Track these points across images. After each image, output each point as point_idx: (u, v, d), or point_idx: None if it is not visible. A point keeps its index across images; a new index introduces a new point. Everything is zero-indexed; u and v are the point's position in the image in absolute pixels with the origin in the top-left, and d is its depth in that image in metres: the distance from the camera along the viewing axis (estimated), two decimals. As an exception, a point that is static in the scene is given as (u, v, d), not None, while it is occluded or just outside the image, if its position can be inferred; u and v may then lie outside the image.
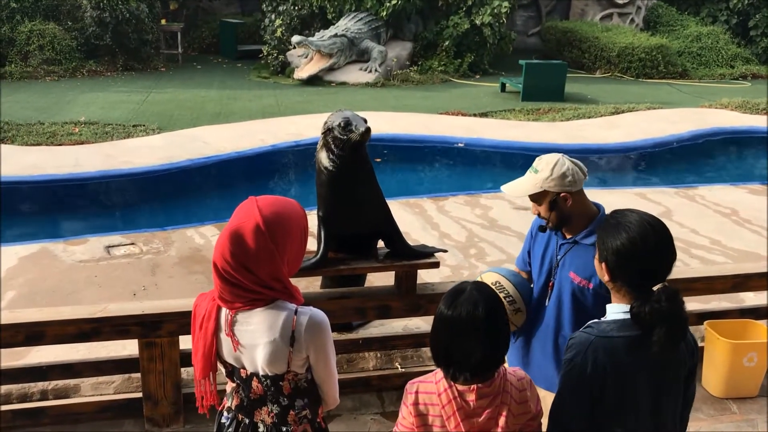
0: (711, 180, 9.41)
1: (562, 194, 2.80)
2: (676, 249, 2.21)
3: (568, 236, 2.90)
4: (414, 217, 7.05)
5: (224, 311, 2.20)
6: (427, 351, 4.49)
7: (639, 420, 2.13)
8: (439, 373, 2.17)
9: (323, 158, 3.64)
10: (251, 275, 2.11)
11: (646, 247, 2.10)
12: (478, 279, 2.84)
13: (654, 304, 2.03)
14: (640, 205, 7.79)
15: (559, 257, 2.91)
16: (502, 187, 2.95)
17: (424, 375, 2.24)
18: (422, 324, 4.75)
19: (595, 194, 8.29)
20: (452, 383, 2.12)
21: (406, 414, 2.18)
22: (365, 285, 4.55)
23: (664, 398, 2.15)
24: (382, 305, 3.99)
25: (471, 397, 2.10)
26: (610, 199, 7.86)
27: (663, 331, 2.02)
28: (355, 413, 4.07)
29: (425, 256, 3.90)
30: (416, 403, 2.15)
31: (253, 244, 2.09)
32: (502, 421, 2.12)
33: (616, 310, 2.16)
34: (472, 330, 2.08)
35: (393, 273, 4.03)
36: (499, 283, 3.00)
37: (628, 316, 2.11)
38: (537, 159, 2.90)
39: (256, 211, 2.12)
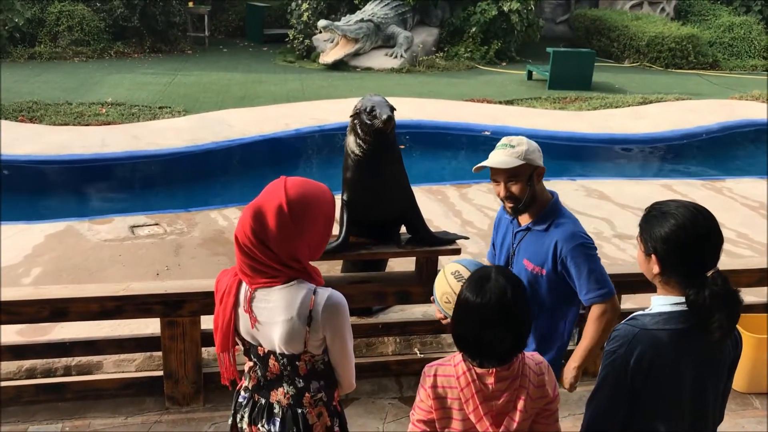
0: (739, 173, 9.26)
1: (539, 168, 2.81)
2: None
3: (522, 224, 2.92)
4: (436, 204, 7.03)
5: (244, 287, 2.21)
6: (446, 337, 4.49)
7: (679, 413, 2.11)
8: (457, 356, 2.16)
9: (351, 142, 3.64)
10: (270, 252, 2.12)
11: (696, 232, 2.05)
12: (442, 271, 2.79)
13: (713, 287, 2.00)
14: (666, 197, 7.69)
15: (515, 245, 2.92)
16: (485, 163, 2.84)
17: (442, 358, 2.23)
18: (442, 310, 4.75)
19: (620, 185, 8.27)
20: (471, 366, 2.11)
21: (424, 397, 2.17)
22: (386, 270, 4.56)
23: (706, 392, 2.13)
24: (403, 291, 3.99)
25: (490, 381, 2.10)
26: (636, 189, 7.79)
27: (724, 315, 1.99)
28: (374, 397, 4.09)
29: (446, 242, 3.89)
30: (434, 386, 2.14)
31: (274, 223, 2.09)
32: (520, 404, 2.11)
33: (663, 303, 2.12)
34: (503, 316, 2.06)
35: (414, 259, 4.02)
36: (459, 272, 2.94)
37: (674, 308, 2.07)
38: (504, 138, 2.86)
39: (282, 191, 2.12)
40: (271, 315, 2.16)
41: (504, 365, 2.11)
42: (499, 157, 2.80)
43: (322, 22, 14.18)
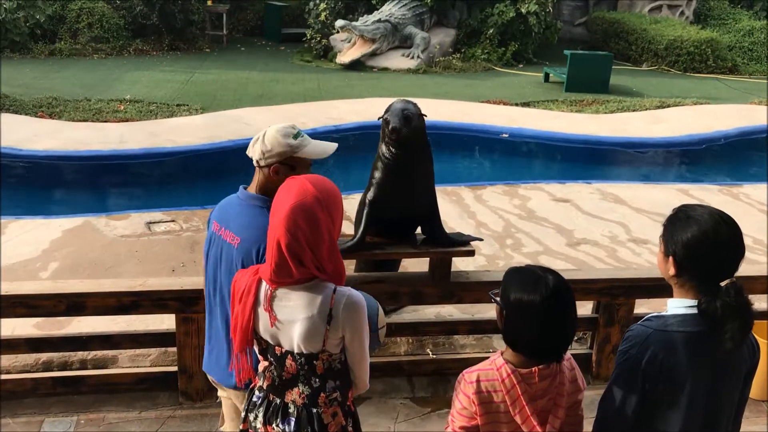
0: (757, 179, 9.18)
1: None
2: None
3: None
4: (451, 205, 7.03)
5: (264, 286, 2.22)
6: (459, 338, 4.50)
7: (691, 416, 2.10)
8: (498, 359, 2.16)
9: (382, 145, 3.67)
10: (311, 254, 2.14)
11: (718, 241, 2.05)
12: None
13: (725, 298, 2.00)
14: (683, 202, 7.64)
15: None
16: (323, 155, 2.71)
17: (479, 364, 2.20)
18: (455, 311, 4.76)
19: (636, 189, 8.24)
20: (515, 368, 2.12)
21: (466, 404, 2.15)
22: (399, 270, 4.57)
23: (719, 396, 2.12)
24: (416, 291, 4.00)
25: (534, 380, 2.11)
26: (652, 194, 7.75)
27: (736, 326, 1.99)
28: (385, 397, 4.10)
29: (461, 244, 3.89)
30: (479, 392, 2.12)
31: (318, 217, 2.13)
32: (561, 400, 2.15)
33: (678, 305, 2.12)
34: (567, 312, 2.10)
35: (428, 259, 4.03)
36: None
37: (690, 311, 2.07)
38: (295, 125, 2.70)
39: (310, 186, 2.16)
40: (292, 313, 2.18)
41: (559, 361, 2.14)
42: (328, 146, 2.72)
43: (339, 22, 14.21)
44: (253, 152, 2.62)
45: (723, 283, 2.05)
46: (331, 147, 2.70)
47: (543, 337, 2.09)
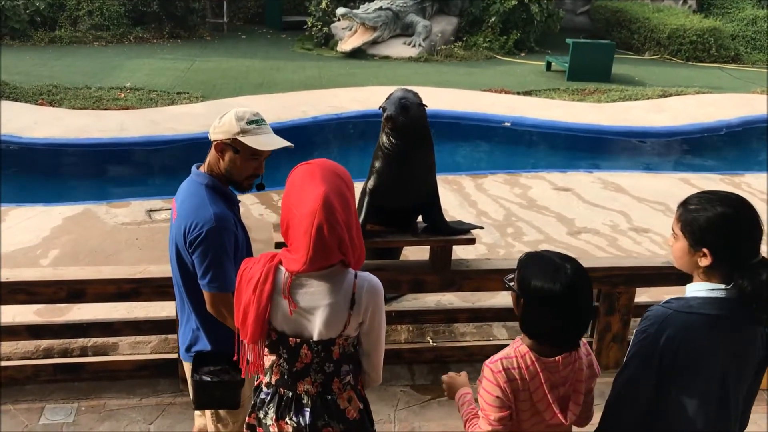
0: (759, 168, 9.16)
1: None
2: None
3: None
4: (452, 194, 7.02)
5: (282, 274, 2.16)
6: (459, 326, 4.50)
7: (705, 399, 2.09)
8: (521, 347, 2.13)
9: (382, 135, 3.67)
10: (348, 235, 2.13)
11: (748, 219, 2.05)
12: None
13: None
14: (684, 191, 7.65)
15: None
16: (285, 145, 2.76)
17: (500, 352, 2.17)
18: (455, 300, 4.77)
19: (638, 178, 8.21)
20: (538, 356, 2.11)
21: (499, 394, 2.10)
22: (400, 258, 4.57)
23: (734, 381, 2.11)
24: (417, 279, 4.00)
25: (557, 369, 2.12)
26: (653, 183, 7.74)
27: None
28: (386, 384, 4.10)
29: (462, 232, 3.89)
30: (510, 380, 2.10)
31: (348, 198, 2.15)
32: (581, 386, 2.16)
33: (699, 288, 2.09)
34: (585, 301, 2.11)
35: (428, 247, 4.03)
36: None
37: (710, 294, 2.05)
38: (256, 113, 2.80)
39: (331, 169, 2.17)
40: (313, 300, 2.15)
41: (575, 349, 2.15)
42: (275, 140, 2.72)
43: (340, 10, 14.15)
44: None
45: (754, 262, 2.03)
46: (278, 142, 2.71)
47: (561, 326, 2.08)
